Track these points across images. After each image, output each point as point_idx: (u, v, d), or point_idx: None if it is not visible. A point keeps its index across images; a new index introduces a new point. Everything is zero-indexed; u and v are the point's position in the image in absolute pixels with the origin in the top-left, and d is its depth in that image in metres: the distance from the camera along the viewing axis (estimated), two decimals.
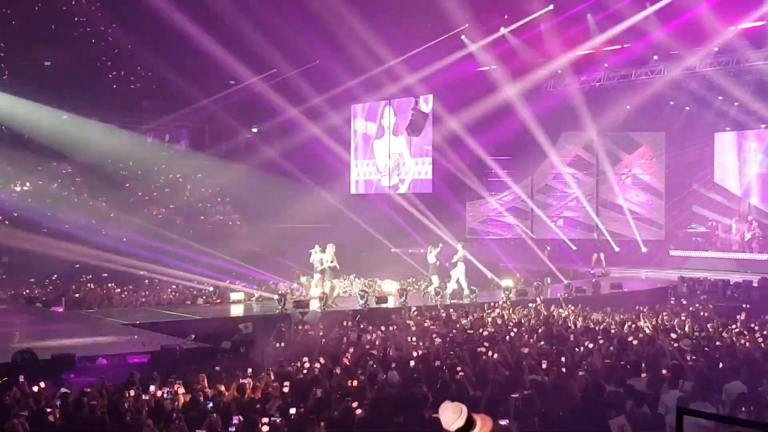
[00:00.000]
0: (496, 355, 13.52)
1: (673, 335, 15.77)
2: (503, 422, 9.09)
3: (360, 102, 35.13)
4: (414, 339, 15.99)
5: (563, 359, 13.40)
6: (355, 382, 11.73)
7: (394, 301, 22.53)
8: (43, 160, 32.51)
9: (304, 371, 12.67)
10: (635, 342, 15.02)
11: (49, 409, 9.99)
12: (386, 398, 10.44)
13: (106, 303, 23.54)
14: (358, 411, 9.79)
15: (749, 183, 31.12)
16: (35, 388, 11.06)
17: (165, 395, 11.00)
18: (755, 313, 19.79)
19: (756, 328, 16.77)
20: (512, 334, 16.25)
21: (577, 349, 14.36)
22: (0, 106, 31.52)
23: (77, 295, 24.47)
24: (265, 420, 9.25)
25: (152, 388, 11.34)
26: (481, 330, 17.05)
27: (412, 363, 13.16)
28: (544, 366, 12.59)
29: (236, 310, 21.91)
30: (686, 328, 17.15)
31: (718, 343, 14.97)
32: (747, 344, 14.81)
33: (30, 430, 8.93)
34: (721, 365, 12.65)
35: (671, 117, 31.36)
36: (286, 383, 11.46)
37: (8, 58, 32.48)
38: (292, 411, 9.83)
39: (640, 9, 26.85)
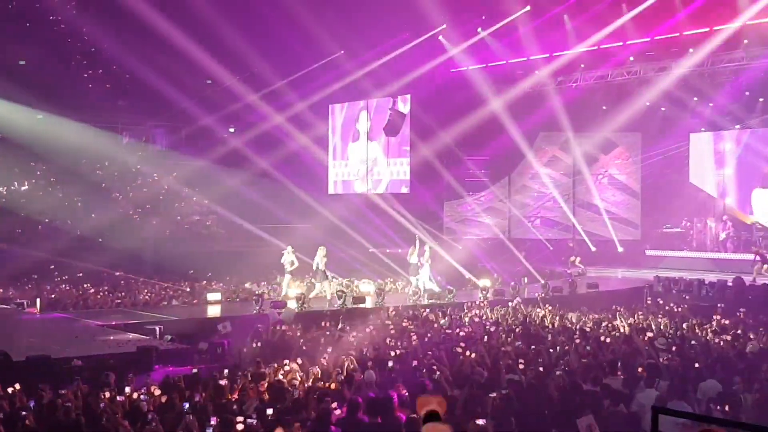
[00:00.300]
0: (473, 355, 13.56)
1: (649, 334, 15.89)
2: (480, 422, 9.11)
3: (338, 102, 35.08)
4: (391, 339, 15.99)
5: (540, 359, 13.45)
6: (332, 384, 11.72)
7: (372, 302, 22.55)
8: (17, 159, 32.24)
9: (282, 372, 12.63)
10: (611, 341, 15.10)
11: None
12: (364, 399, 10.43)
13: (81, 304, 23.37)
14: (337, 411, 9.77)
15: (724, 183, 31.40)
16: (10, 390, 10.97)
17: (141, 396, 10.93)
18: (730, 312, 19.98)
19: (730, 326, 16.91)
20: (491, 332, 16.31)
21: (553, 350, 14.42)
22: None
23: (53, 296, 24.28)
24: (241, 419, 9.21)
25: (128, 389, 11.28)
26: (458, 330, 17.08)
27: (390, 363, 13.16)
28: (521, 365, 12.64)
29: (213, 311, 21.84)
30: (662, 328, 17.28)
31: (693, 342, 15.07)
32: (721, 343, 14.93)
33: None
34: (696, 364, 12.73)
35: (647, 117, 31.54)
36: (263, 383, 11.43)
37: None
38: (269, 411, 9.79)
39: (617, 12, 26.99)
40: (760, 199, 29.54)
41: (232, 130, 35.90)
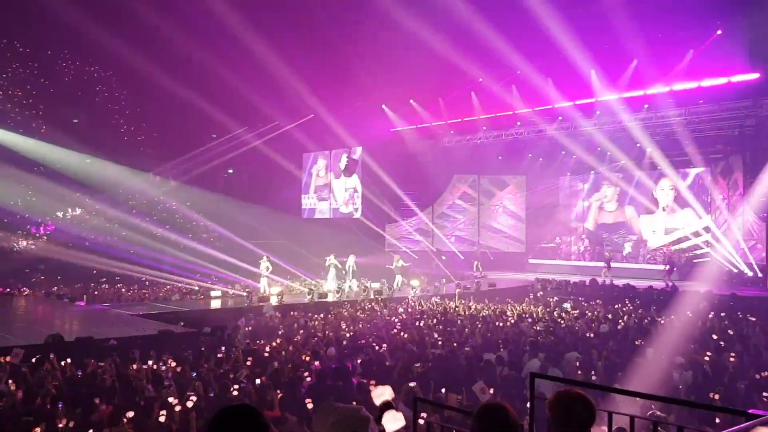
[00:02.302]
0: (406, 335, 13.55)
1: (531, 320, 16.03)
2: (412, 384, 9.08)
3: (308, 152, 35.09)
4: (346, 324, 15.92)
5: (454, 338, 13.49)
6: (305, 357, 11.59)
7: (333, 297, 22.45)
8: (71, 192, 31.78)
9: (266, 349, 12.47)
10: (503, 325, 15.22)
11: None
12: (327, 367, 10.34)
13: (116, 299, 22.95)
14: (308, 379, 9.66)
15: (583, 212, 32.00)
16: (63, 363, 10.70)
17: (161, 367, 10.72)
18: (587, 304, 20.28)
19: (587, 315, 17.16)
20: (421, 323, 16.29)
21: (463, 331, 14.47)
22: (40, 152, 30.96)
23: (95, 293, 23.83)
24: (236, 386, 9.07)
25: (150, 362, 11.06)
26: (395, 317, 17.07)
27: (344, 342, 13.09)
28: (440, 342, 12.67)
29: (215, 304, 21.56)
30: (540, 314, 17.46)
31: (562, 324, 15.25)
32: (582, 325, 15.13)
33: (58, 394, 8.59)
34: (564, 341, 12.88)
35: (529, 165, 32.02)
36: (250, 358, 11.27)
37: (46, 116, 31.86)
38: (257, 381, 9.65)
39: (508, 89, 27.44)
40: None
41: (230, 171, 35.64)
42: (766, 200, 23.39)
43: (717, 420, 6.74)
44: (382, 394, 3.61)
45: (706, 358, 10.89)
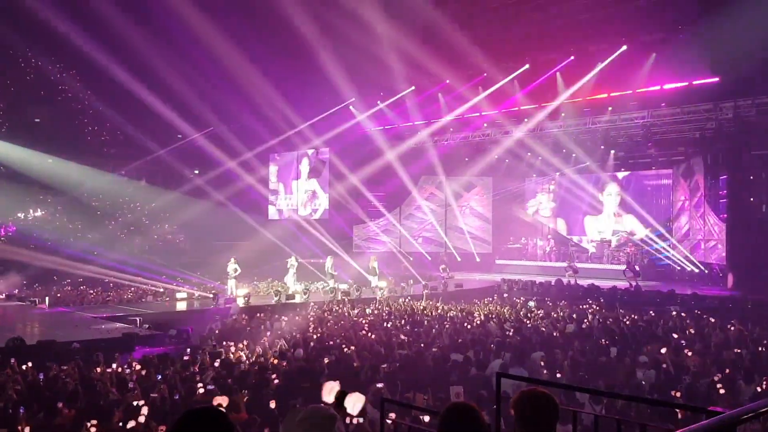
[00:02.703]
0: (374, 336, 13.53)
1: (497, 320, 16.12)
2: (379, 385, 9.07)
3: (276, 152, 34.92)
4: (313, 326, 15.85)
5: (421, 338, 13.51)
6: (273, 359, 11.51)
7: (300, 298, 22.34)
8: (32, 193, 31.12)
9: (232, 351, 12.36)
10: (470, 326, 15.28)
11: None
12: (294, 369, 10.28)
13: (80, 301, 22.52)
14: (276, 381, 9.58)
15: (549, 212, 32.40)
16: (24, 367, 10.47)
17: (125, 370, 10.56)
18: (554, 304, 20.47)
19: (552, 315, 17.33)
20: (389, 324, 16.28)
21: (430, 332, 14.49)
22: (1, 152, 30.30)
23: (58, 295, 23.36)
24: (201, 388, 8.96)
25: (114, 365, 10.88)
26: (362, 319, 17.04)
27: (312, 343, 13.03)
28: (407, 343, 12.67)
29: (181, 306, 21.30)
30: (506, 315, 17.58)
31: (528, 325, 15.37)
32: (548, 325, 15.26)
33: (20, 399, 8.41)
34: (531, 341, 12.98)
35: (496, 166, 32.27)
36: (217, 360, 11.16)
37: (7, 115, 31.20)
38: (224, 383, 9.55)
39: (475, 92, 27.65)
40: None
41: (196, 171, 35.25)
42: (726, 201, 23.92)
43: (680, 417, 6.85)
44: (331, 388, 3.70)
45: (667, 357, 11.07)
